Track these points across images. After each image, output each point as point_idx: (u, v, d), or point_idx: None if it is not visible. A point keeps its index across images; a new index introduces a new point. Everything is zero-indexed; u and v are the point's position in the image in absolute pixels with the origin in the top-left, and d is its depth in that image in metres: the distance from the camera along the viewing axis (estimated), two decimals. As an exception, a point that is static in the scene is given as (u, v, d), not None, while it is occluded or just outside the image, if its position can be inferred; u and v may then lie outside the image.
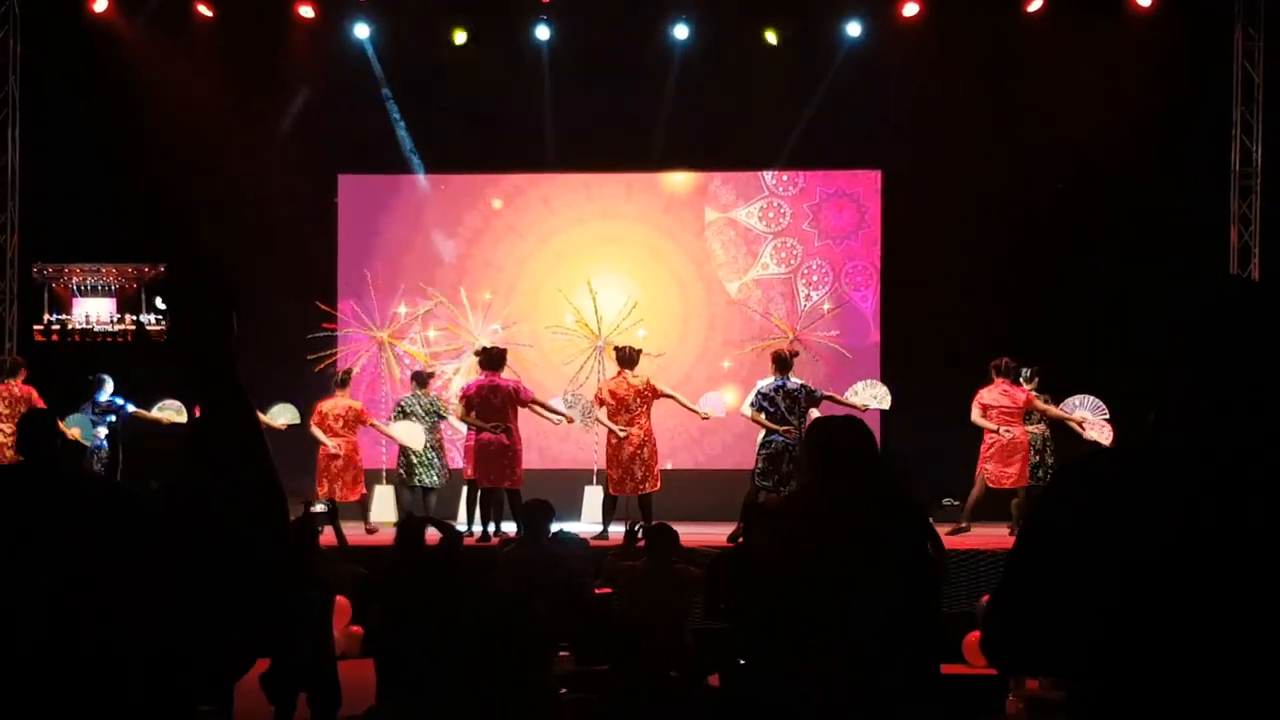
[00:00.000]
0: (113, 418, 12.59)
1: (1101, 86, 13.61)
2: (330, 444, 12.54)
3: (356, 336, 14.73)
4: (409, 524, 8.48)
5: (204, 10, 14.24)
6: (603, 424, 12.11)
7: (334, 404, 12.74)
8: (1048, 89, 13.84)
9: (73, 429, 12.38)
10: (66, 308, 13.43)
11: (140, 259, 13.46)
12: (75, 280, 13.50)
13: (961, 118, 13.93)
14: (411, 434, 12.56)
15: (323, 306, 14.52)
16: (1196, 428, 2.22)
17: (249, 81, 14.32)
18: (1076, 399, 12.29)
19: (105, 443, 12.64)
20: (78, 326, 13.34)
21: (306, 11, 14.34)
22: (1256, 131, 13.92)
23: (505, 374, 12.30)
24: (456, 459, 13.20)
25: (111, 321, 13.09)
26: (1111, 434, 12.06)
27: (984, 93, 13.92)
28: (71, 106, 14.16)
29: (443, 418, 12.85)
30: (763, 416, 11.73)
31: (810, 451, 4.52)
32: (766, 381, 12.02)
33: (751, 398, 12.03)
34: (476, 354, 12.74)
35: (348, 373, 13.24)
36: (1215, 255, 13.79)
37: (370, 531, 12.57)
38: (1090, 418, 12.14)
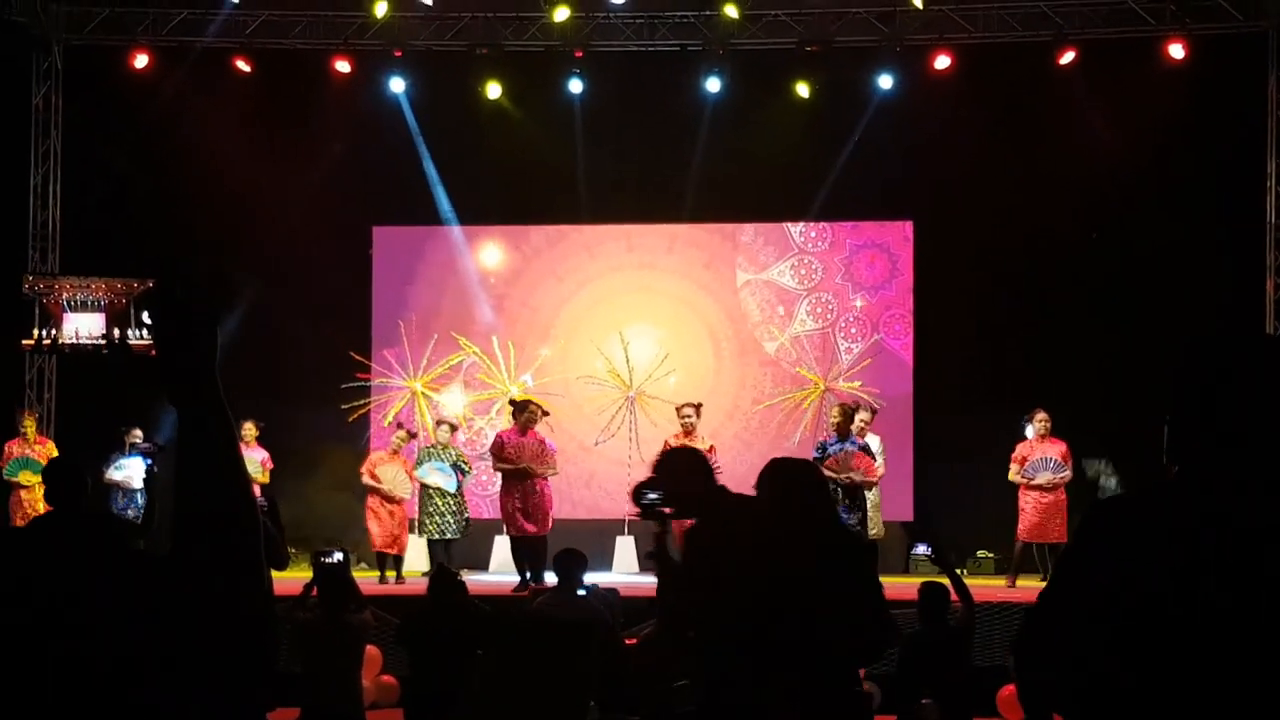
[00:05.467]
0: (149, 461, 12.62)
1: (1134, 138, 13.58)
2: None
3: (390, 386, 14.81)
4: (440, 575, 8.50)
5: (242, 65, 14.42)
6: None
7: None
8: (1079, 140, 13.84)
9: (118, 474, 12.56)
10: (58, 323, 13.46)
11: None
12: (65, 295, 13.46)
13: (992, 168, 13.93)
14: (433, 478, 12.62)
15: (356, 356, 14.62)
16: (1211, 477, 2.28)
17: (286, 135, 14.49)
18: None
19: (143, 488, 12.68)
20: (67, 341, 13.37)
21: (343, 66, 14.50)
22: (1291, 183, 13.85)
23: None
24: (483, 509, 13.24)
25: (100, 337, 13.09)
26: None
27: (1015, 143, 13.93)
28: (111, 161, 14.35)
29: (464, 471, 12.83)
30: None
31: (763, 486, 4.61)
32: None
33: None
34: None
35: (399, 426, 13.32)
36: (1250, 308, 13.68)
37: (399, 581, 12.56)
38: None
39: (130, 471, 12.66)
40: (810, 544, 4.40)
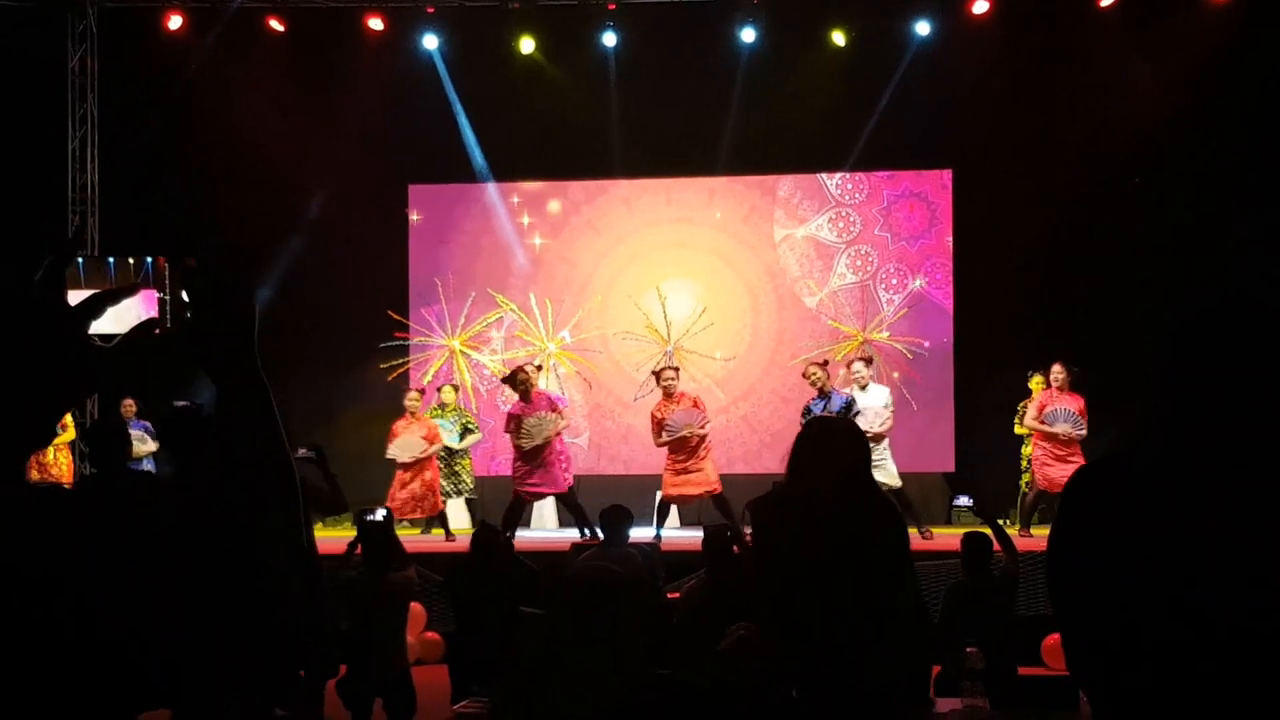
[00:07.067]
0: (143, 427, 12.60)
1: (1175, 81, 13.38)
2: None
3: (429, 345, 14.83)
4: (484, 532, 8.53)
5: (275, 25, 14.42)
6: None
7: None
8: (1120, 84, 13.64)
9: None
10: None
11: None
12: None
13: (1031, 114, 13.77)
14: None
15: (394, 315, 14.64)
16: (1192, 436, 2.25)
17: (320, 94, 14.48)
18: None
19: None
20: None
21: (375, 24, 14.49)
22: (1338, 125, 13.60)
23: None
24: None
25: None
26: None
27: (1054, 88, 13.76)
28: (147, 122, 14.37)
29: (472, 431, 12.82)
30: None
31: (799, 448, 4.53)
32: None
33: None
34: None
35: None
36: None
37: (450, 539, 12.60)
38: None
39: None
40: (847, 511, 4.35)
